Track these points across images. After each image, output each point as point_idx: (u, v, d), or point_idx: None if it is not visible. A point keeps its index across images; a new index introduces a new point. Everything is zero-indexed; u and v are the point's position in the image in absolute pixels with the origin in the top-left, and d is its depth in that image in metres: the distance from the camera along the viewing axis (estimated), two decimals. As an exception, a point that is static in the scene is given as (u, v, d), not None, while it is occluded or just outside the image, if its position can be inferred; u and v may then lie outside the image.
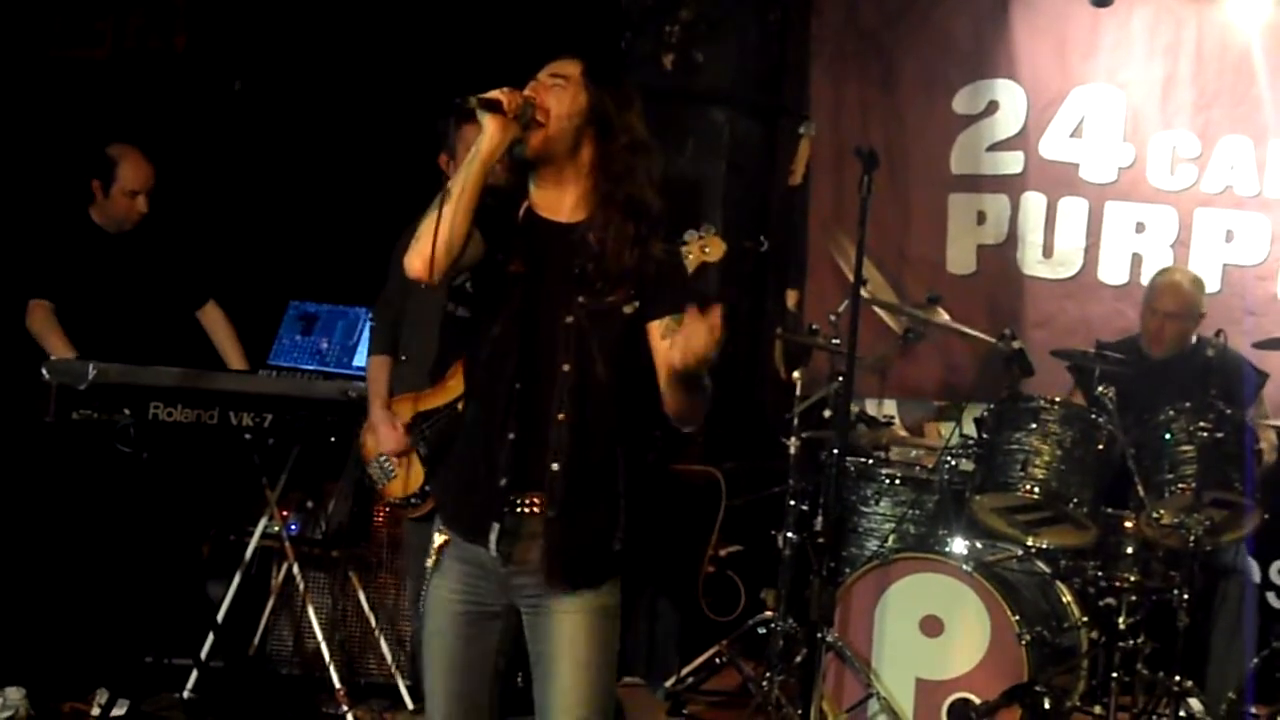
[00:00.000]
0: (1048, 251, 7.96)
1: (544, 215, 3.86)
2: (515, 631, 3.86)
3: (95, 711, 6.26)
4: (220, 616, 6.59)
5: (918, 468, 6.87)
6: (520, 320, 3.78)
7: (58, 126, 8.16)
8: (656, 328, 3.78)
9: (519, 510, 3.77)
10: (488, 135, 3.70)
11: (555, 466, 3.73)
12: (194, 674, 6.51)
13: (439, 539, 3.89)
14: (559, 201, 3.85)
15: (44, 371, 5.88)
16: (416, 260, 3.68)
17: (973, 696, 5.98)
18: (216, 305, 6.86)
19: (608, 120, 3.85)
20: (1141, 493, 6.16)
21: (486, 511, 3.78)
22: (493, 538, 3.77)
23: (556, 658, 3.77)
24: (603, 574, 3.81)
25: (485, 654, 3.87)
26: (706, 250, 4.13)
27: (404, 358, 5.97)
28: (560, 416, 3.73)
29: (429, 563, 3.89)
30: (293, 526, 6.87)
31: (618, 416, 3.80)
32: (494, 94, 3.71)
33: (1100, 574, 6.30)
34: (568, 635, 3.76)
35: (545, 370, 3.75)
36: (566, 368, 3.75)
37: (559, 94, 3.81)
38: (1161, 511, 6.13)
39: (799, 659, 6.34)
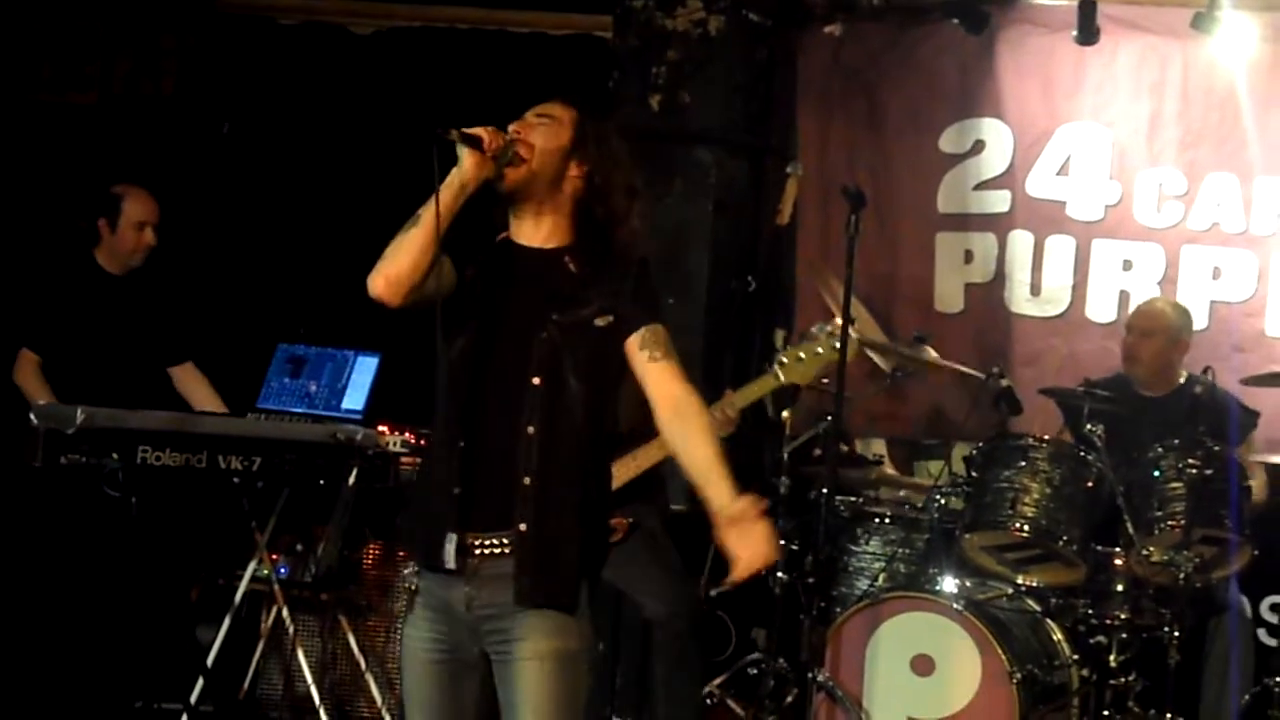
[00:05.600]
0: (1035, 290, 7.96)
1: (521, 242, 3.92)
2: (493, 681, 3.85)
3: (84, 757, 6.25)
4: (210, 661, 6.57)
5: (907, 506, 6.87)
6: (485, 336, 3.81)
7: (50, 172, 8.19)
8: (635, 341, 3.83)
9: (479, 552, 3.77)
10: (463, 169, 3.75)
11: (527, 481, 3.75)
12: (184, 719, 6.49)
13: (410, 586, 3.89)
14: (536, 230, 3.90)
15: (31, 416, 5.88)
16: (379, 280, 3.76)
17: (964, 735, 5.98)
18: (194, 366, 6.85)
19: (590, 156, 3.90)
20: (1131, 530, 6.17)
21: (441, 523, 3.78)
22: (449, 549, 3.76)
23: (519, 705, 3.74)
24: (573, 591, 3.80)
25: (464, 705, 3.85)
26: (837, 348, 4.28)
27: None
28: (530, 430, 3.75)
29: (401, 609, 3.89)
30: (282, 570, 6.85)
31: (587, 431, 3.82)
32: (477, 131, 3.76)
33: (1091, 612, 6.30)
34: (530, 683, 3.74)
35: (513, 386, 3.78)
36: (537, 381, 3.77)
37: (544, 130, 3.87)
38: (1151, 549, 6.14)
39: (790, 699, 6.32)
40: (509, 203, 3.89)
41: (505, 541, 3.77)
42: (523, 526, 3.75)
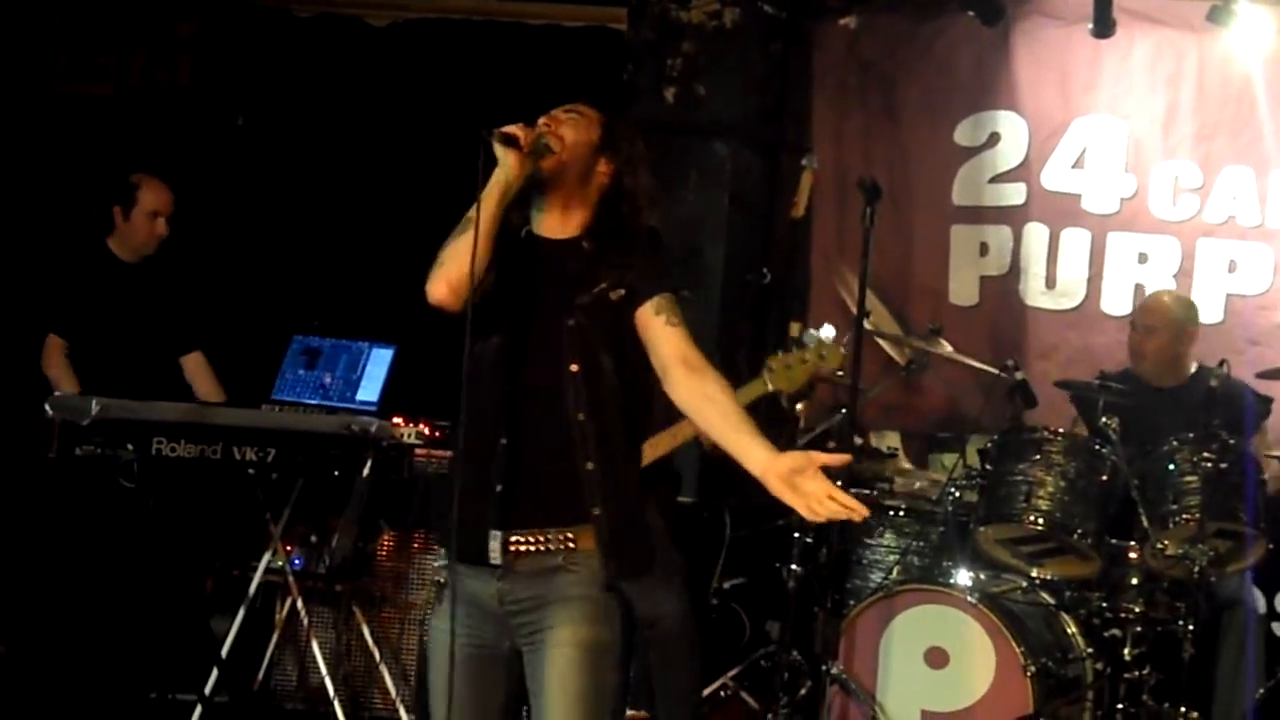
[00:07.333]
0: (1050, 282, 7.95)
1: (544, 235, 3.96)
2: (521, 674, 3.85)
3: (99, 747, 6.26)
4: (224, 652, 6.58)
5: (922, 500, 6.86)
6: (517, 331, 3.84)
7: (66, 162, 8.21)
8: (648, 308, 3.84)
9: (514, 549, 3.79)
10: (505, 168, 3.79)
11: (590, 467, 3.77)
12: (198, 710, 6.49)
13: (439, 580, 3.90)
14: (562, 223, 3.94)
15: (47, 407, 5.89)
16: (442, 286, 3.78)
17: (978, 728, 5.98)
18: (203, 356, 6.87)
19: (619, 155, 3.96)
20: (1146, 523, 6.17)
21: (484, 520, 3.80)
22: (494, 545, 3.79)
23: (549, 693, 3.76)
24: (654, 558, 3.89)
25: (489, 694, 3.87)
26: (824, 357, 4.33)
27: None
28: (580, 417, 3.78)
29: (416, 600, 3.91)
30: (297, 561, 6.87)
31: (628, 410, 3.86)
32: (511, 129, 3.81)
33: (1105, 605, 6.30)
34: (559, 670, 3.76)
35: (552, 376, 3.80)
36: (575, 368, 3.80)
37: (573, 124, 3.93)
38: (1166, 542, 6.13)
39: (804, 692, 6.33)
40: (538, 194, 3.92)
41: (546, 539, 3.78)
42: (597, 511, 3.78)
